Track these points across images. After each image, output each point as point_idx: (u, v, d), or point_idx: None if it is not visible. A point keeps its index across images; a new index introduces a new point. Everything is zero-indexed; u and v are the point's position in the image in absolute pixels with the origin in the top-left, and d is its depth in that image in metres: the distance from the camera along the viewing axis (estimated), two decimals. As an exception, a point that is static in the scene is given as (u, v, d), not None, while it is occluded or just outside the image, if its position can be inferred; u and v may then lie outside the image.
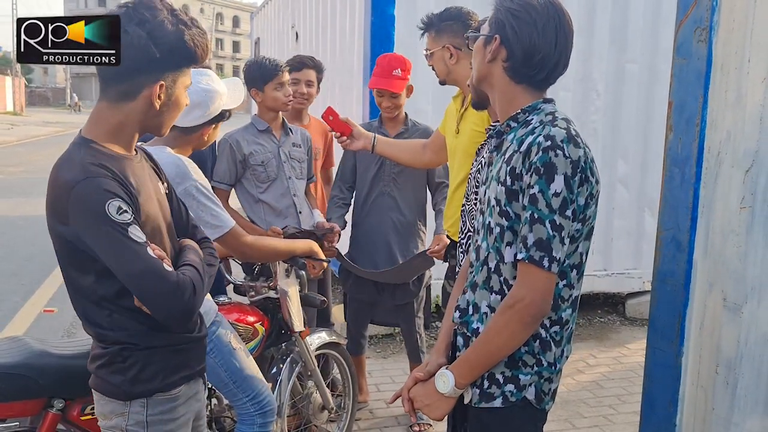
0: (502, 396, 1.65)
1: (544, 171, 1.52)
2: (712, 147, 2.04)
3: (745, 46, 1.92)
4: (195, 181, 2.25)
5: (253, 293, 2.79)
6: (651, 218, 5.34)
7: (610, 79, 5.29)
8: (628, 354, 4.88)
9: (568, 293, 1.65)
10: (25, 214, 9.51)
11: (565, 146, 1.53)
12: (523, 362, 1.64)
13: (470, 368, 1.66)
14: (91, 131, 1.63)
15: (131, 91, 1.61)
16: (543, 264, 1.53)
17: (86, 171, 1.53)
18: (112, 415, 1.71)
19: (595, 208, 1.63)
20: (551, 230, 1.53)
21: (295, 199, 3.39)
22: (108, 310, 1.64)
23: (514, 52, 1.64)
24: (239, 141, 3.27)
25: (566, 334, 1.69)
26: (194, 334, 1.79)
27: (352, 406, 3.38)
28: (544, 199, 1.53)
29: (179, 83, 1.68)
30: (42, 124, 31.15)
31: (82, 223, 1.53)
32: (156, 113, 1.65)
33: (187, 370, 1.78)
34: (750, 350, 1.89)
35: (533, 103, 1.68)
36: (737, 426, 1.92)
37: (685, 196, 2.12)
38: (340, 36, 5.77)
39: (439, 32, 2.87)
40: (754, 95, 1.88)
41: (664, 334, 2.20)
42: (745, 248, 1.90)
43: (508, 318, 1.57)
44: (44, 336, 4.78)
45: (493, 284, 1.67)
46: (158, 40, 1.58)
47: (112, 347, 1.66)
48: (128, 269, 1.53)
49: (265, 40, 9.56)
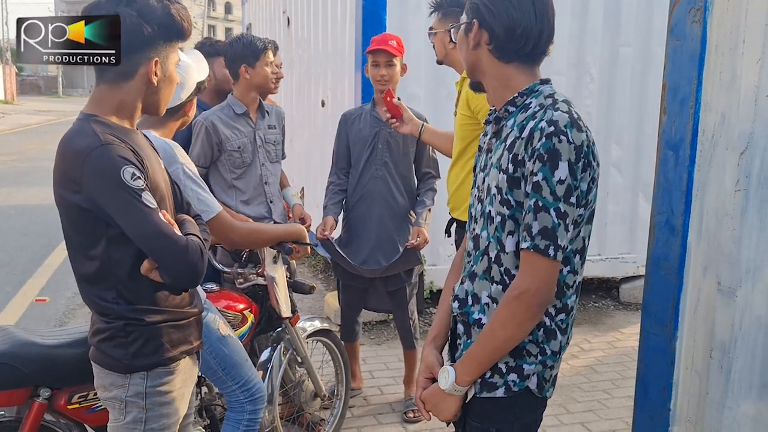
0: (505, 386, 1.61)
1: (548, 158, 1.48)
2: (706, 129, 2.01)
3: (739, 26, 1.89)
4: (182, 165, 2.21)
5: (241, 280, 2.76)
6: (645, 203, 5.34)
7: (604, 62, 5.26)
8: (622, 339, 4.88)
9: (572, 279, 1.62)
10: (17, 204, 9.46)
11: (569, 131, 1.49)
12: (527, 351, 1.60)
13: (476, 364, 1.61)
14: (94, 109, 1.71)
15: (129, 70, 1.70)
16: (549, 253, 1.50)
17: (100, 139, 1.61)
18: (111, 387, 1.78)
19: (596, 191, 1.60)
20: (556, 218, 1.49)
21: (267, 188, 3.34)
22: (115, 283, 1.71)
23: (494, 31, 1.61)
24: (215, 124, 3.17)
25: (571, 321, 1.66)
26: (192, 309, 1.87)
27: (345, 393, 3.36)
28: (548, 187, 1.49)
29: (171, 59, 1.76)
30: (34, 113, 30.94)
31: (97, 189, 1.61)
32: (154, 90, 1.74)
33: (187, 345, 1.85)
34: (744, 334, 1.88)
35: (530, 86, 1.63)
36: (731, 410, 1.91)
37: (679, 180, 2.10)
38: (331, 21, 5.72)
39: (446, 15, 3.01)
40: (749, 76, 1.86)
41: (658, 319, 2.19)
42: (739, 231, 1.88)
43: (514, 309, 1.53)
44: (36, 325, 4.77)
45: (493, 274, 1.62)
46: (148, 17, 1.67)
47: (116, 322, 1.73)
48: (142, 231, 1.63)
49: (256, 26, 9.49)
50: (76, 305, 5.35)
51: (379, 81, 3.40)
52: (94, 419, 2.20)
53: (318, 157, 5.95)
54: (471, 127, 2.97)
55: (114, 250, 1.69)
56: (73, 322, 4.96)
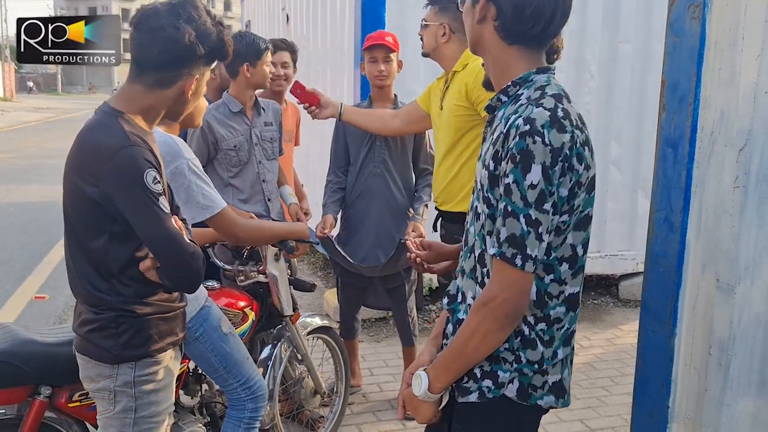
0: (479, 391, 1.53)
1: (519, 159, 1.37)
2: (705, 126, 2.01)
3: (738, 22, 1.89)
4: (187, 160, 2.22)
5: (242, 278, 2.76)
6: (644, 200, 5.33)
7: (604, 60, 5.25)
8: (621, 336, 4.89)
9: (557, 289, 1.51)
10: (16, 201, 9.45)
11: (545, 132, 1.37)
12: (502, 358, 1.51)
13: (445, 370, 1.53)
14: (122, 106, 1.76)
15: (169, 80, 1.76)
16: (515, 262, 1.40)
17: (129, 139, 1.67)
18: (99, 377, 1.82)
19: (586, 195, 1.48)
20: (525, 225, 1.39)
21: (264, 186, 3.32)
22: (109, 275, 1.75)
23: (502, 7, 1.48)
24: (210, 122, 3.15)
25: (559, 334, 1.54)
26: (179, 303, 1.92)
27: (345, 391, 3.37)
28: (518, 191, 1.38)
29: (206, 76, 1.86)
30: (33, 110, 30.91)
31: (116, 187, 1.66)
32: (184, 101, 1.82)
33: (173, 337, 1.90)
34: (743, 331, 1.88)
35: (525, 74, 1.52)
36: (729, 407, 1.91)
37: (678, 176, 2.10)
38: (330, 17, 5.71)
39: (443, 10, 3.03)
40: (748, 73, 1.85)
41: (657, 316, 2.19)
42: (738, 228, 1.88)
43: (482, 317, 1.45)
44: (35, 323, 4.77)
45: (477, 275, 1.55)
46: (204, 39, 1.75)
47: (107, 313, 1.77)
48: (154, 233, 1.68)
49: (255, 23, 9.48)
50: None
51: (377, 77, 3.41)
52: (94, 417, 2.19)
53: (317, 155, 5.95)
54: (466, 118, 2.97)
55: (113, 246, 1.73)
56: (71, 320, 4.95)
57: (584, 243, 1.53)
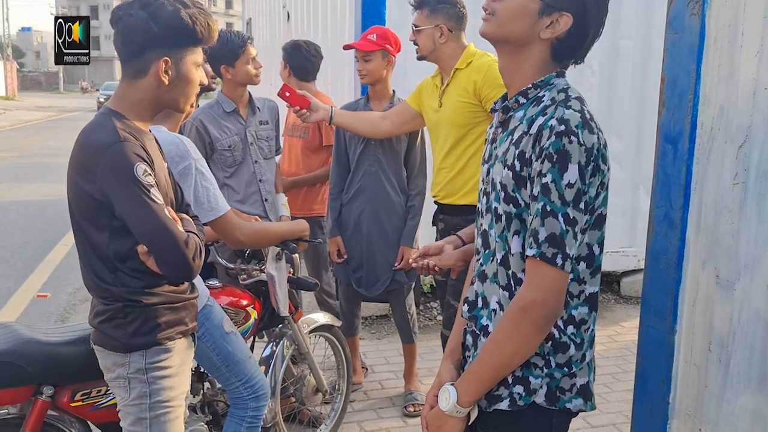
0: (510, 398, 1.50)
1: (557, 159, 1.38)
2: (705, 122, 2.01)
3: (738, 19, 1.88)
4: (195, 161, 2.22)
5: (244, 276, 2.76)
6: (646, 196, 5.31)
7: (605, 55, 5.23)
8: (622, 332, 4.89)
9: (577, 289, 1.51)
10: (18, 200, 9.47)
11: (579, 132, 1.38)
12: (533, 363, 1.49)
13: (478, 382, 1.49)
14: (116, 105, 1.82)
15: (142, 68, 1.79)
16: (556, 262, 1.39)
17: (118, 136, 1.72)
18: (114, 366, 1.87)
19: (606, 194, 1.49)
20: (564, 224, 1.38)
21: (261, 186, 3.32)
22: (114, 267, 1.80)
23: (575, 34, 1.47)
24: (205, 123, 3.15)
25: (587, 336, 1.53)
26: (188, 294, 1.95)
27: (347, 388, 3.37)
28: (557, 190, 1.38)
29: (187, 60, 1.83)
30: (35, 109, 30.94)
31: (109, 181, 1.70)
32: (167, 88, 1.82)
33: (182, 326, 1.93)
34: (743, 327, 1.88)
35: (546, 78, 1.52)
36: (730, 403, 1.92)
37: (677, 173, 2.10)
38: (331, 15, 5.71)
39: (435, 11, 3.03)
40: (747, 69, 1.85)
41: (657, 312, 2.19)
42: (738, 225, 1.88)
43: (518, 321, 1.42)
44: (38, 321, 4.78)
45: (500, 278, 1.51)
46: (157, 19, 1.75)
47: (115, 304, 1.82)
48: (146, 225, 1.72)
49: (256, 21, 9.47)
50: (78, 301, 5.37)
51: (360, 75, 3.44)
52: (97, 416, 2.21)
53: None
54: (472, 114, 2.99)
55: (115, 240, 1.77)
56: (75, 318, 4.98)
57: (600, 242, 1.54)
